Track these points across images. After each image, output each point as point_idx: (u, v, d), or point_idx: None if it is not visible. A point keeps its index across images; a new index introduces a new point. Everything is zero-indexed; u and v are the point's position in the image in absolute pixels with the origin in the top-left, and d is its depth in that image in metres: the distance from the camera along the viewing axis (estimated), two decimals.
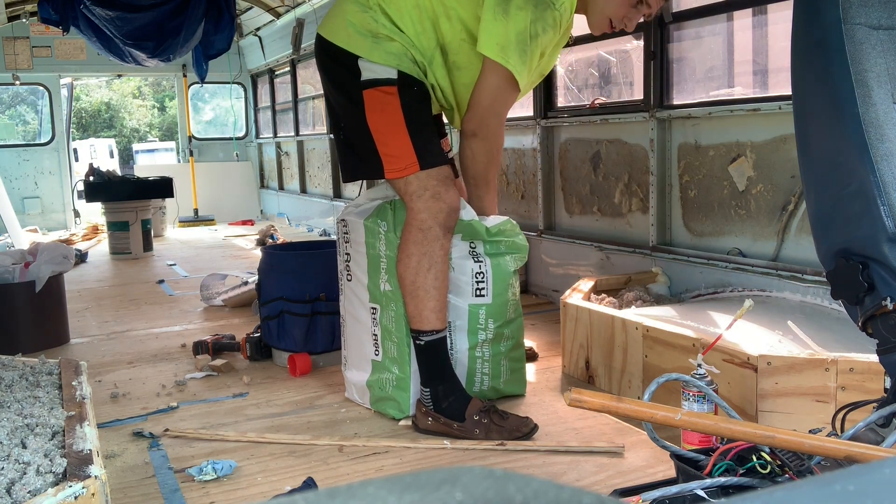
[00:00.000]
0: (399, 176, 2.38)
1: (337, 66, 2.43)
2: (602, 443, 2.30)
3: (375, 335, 2.62)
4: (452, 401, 2.43)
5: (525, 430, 2.37)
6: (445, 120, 2.73)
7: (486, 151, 2.46)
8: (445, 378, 2.47)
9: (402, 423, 2.54)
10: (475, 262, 2.60)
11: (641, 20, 2.49)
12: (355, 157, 2.50)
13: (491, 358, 2.66)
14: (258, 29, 9.11)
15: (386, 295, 2.56)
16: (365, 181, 2.98)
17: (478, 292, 2.60)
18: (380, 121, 2.36)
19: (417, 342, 2.46)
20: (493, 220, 2.62)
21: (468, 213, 2.53)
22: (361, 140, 2.41)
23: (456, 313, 2.58)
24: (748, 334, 2.51)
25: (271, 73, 9.47)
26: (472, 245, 2.60)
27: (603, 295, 3.32)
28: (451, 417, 2.41)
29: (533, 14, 2.25)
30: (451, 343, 2.58)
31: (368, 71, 2.36)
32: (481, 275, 2.60)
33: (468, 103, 2.43)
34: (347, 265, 2.71)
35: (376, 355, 2.63)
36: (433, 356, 2.46)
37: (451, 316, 2.56)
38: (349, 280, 2.71)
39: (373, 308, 2.61)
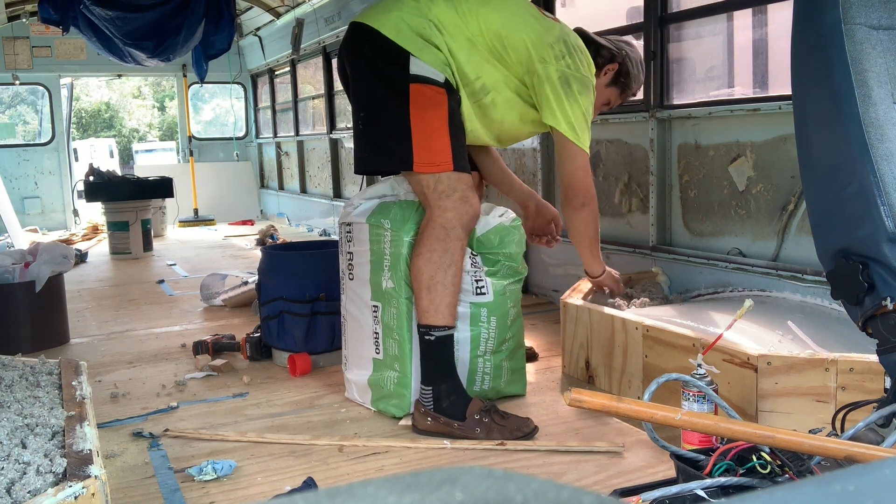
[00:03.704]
0: (431, 171, 2.42)
1: (381, 55, 2.46)
2: (602, 443, 2.30)
3: (377, 333, 2.61)
4: (454, 400, 2.42)
5: (526, 430, 2.37)
6: None
7: (593, 213, 2.71)
8: (449, 377, 2.46)
9: (402, 422, 2.54)
10: (472, 266, 2.60)
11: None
12: (376, 147, 2.53)
13: (493, 358, 2.65)
14: (258, 29, 9.11)
15: (388, 293, 2.55)
16: (365, 180, 2.99)
17: (478, 290, 2.60)
18: (424, 116, 2.40)
19: (427, 337, 2.45)
20: (484, 227, 2.63)
21: None
22: (393, 130, 2.44)
23: (458, 313, 2.57)
24: (748, 334, 2.51)
25: (271, 73, 9.47)
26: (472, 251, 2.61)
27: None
28: (451, 417, 2.40)
29: (590, 98, 2.57)
30: (454, 343, 2.57)
31: (418, 67, 2.41)
32: (478, 273, 2.60)
33: (562, 185, 2.69)
34: (350, 264, 2.71)
35: (377, 353, 2.62)
36: (441, 353, 2.46)
37: None
38: (351, 279, 2.71)
39: (374, 306, 2.61)
